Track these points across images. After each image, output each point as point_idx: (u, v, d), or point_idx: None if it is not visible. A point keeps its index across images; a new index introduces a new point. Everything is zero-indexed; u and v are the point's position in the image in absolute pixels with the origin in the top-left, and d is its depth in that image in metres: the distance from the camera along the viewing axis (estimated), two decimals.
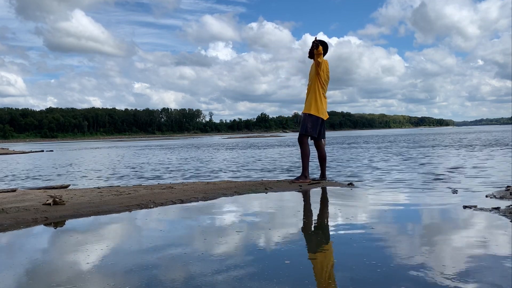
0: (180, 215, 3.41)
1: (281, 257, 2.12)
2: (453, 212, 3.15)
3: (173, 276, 1.87)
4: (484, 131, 43.32)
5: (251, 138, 50.23)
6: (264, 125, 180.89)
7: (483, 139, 18.68)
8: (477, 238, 2.41)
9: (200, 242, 2.49)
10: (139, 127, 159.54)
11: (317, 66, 4.96)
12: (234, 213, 3.39)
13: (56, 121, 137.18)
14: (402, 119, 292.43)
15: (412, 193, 4.19)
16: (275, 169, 7.70)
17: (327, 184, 4.92)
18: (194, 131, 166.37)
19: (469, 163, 7.39)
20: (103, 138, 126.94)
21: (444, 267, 1.88)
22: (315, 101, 5.07)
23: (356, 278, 1.79)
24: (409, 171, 6.29)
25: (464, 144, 15.12)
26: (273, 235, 2.60)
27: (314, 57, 4.99)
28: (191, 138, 76.40)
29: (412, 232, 2.64)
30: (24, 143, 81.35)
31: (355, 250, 2.22)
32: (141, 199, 3.89)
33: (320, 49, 4.87)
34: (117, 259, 2.16)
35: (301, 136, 5.18)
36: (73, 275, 1.92)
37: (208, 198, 4.08)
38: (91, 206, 3.62)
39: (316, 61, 4.94)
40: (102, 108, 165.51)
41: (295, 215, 3.28)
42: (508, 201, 3.43)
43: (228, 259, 2.10)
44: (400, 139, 23.72)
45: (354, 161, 8.82)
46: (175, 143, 36.86)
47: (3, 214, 3.25)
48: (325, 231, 2.77)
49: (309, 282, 1.77)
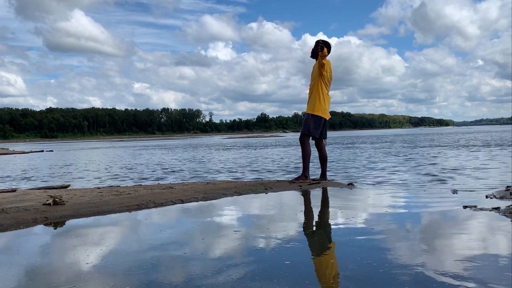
0: (180, 215, 3.41)
1: (281, 257, 2.12)
2: (453, 212, 3.14)
3: (173, 277, 1.87)
4: (483, 131, 43.32)
5: (251, 138, 50.23)
6: (264, 125, 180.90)
7: (482, 139, 18.68)
8: (477, 238, 2.41)
9: (200, 242, 2.49)
10: (139, 127, 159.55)
11: (321, 67, 4.95)
12: (234, 213, 3.39)
13: (56, 121, 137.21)
14: (402, 119, 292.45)
15: (412, 193, 4.19)
16: (275, 169, 7.70)
17: (327, 184, 4.92)
18: (194, 131, 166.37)
19: (469, 163, 7.39)
20: (103, 138, 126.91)
21: (445, 267, 1.88)
22: (318, 101, 5.06)
23: (356, 278, 1.79)
24: (409, 171, 6.28)
25: (464, 144, 15.12)
26: (273, 235, 2.60)
27: (318, 58, 4.98)
28: (191, 138, 76.41)
29: (412, 232, 2.64)
30: (24, 143, 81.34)
31: (355, 250, 2.22)
32: (141, 199, 3.89)
33: (325, 51, 4.84)
34: (117, 259, 2.16)
35: (302, 135, 5.18)
36: (73, 275, 1.92)
37: (208, 198, 4.08)
38: (91, 206, 3.61)
39: (321, 63, 4.93)
40: (102, 108, 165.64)
41: (295, 215, 3.27)
42: (508, 201, 3.43)
43: (228, 259, 2.10)
44: (399, 139, 23.72)
45: (354, 161, 8.82)
46: (175, 143, 36.87)
47: (3, 214, 3.25)
48: (326, 231, 2.77)
49: (309, 282, 1.77)
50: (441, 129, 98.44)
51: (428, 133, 42.27)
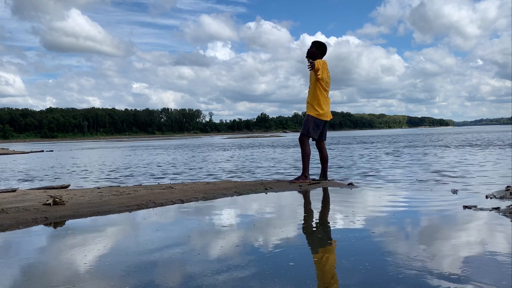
0: (180, 215, 3.41)
1: (282, 257, 2.11)
2: (453, 212, 3.14)
3: (173, 277, 1.87)
4: (483, 131, 43.30)
5: (251, 138, 50.22)
6: (264, 125, 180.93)
7: (483, 139, 18.68)
8: (477, 238, 2.41)
9: (200, 242, 2.49)
10: (139, 127, 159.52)
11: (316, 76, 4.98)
12: (234, 214, 3.39)
13: (56, 121, 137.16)
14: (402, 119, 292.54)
15: (412, 193, 4.19)
16: (275, 169, 7.70)
17: (327, 184, 4.92)
18: (194, 131, 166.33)
19: (469, 163, 7.39)
20: (103, 138, 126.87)
21: (445, 268, 1.88)
22: (317, 102, 5.06)
23: (357, 278, 1.79)
24: (409, 171, 6.28)
25: (464, 144, 15.12)
26: (273, 235, 2.60)
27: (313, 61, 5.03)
28: (191, 138, 76.40)
29: (412, 233, 2.64)
30: (24, 143, 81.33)
31: (355, 250, 2.22)
32: (141, 199, 3.89)
33: (317, 66, 4.88)
34: (117, 259, 2.16)
35: (302, 136, 5.18)
36: (73, 275, 1.92)
37: (208, 198, 4.08)
38: (91, 206, 3.61)
39: (316, 76, 4.96)
40: (102, 108, 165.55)
41: (295, 215, 3.27)
42: (508, 201, 3.43)
43: (228, 259, 2.10)
44: (399, 139, 23.71)
45: (354, 161, 8.82)
46: (175, 143, 36.86)
47: (3, 214, 3.25)
48: (326, 231, 2.77)
49: (310, 282, 1.77)
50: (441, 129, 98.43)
51: (428, 133, 42.25)
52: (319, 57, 5.14)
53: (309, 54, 5.17)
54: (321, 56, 5.15)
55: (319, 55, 5.15)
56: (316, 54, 5.14)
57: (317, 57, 5.13)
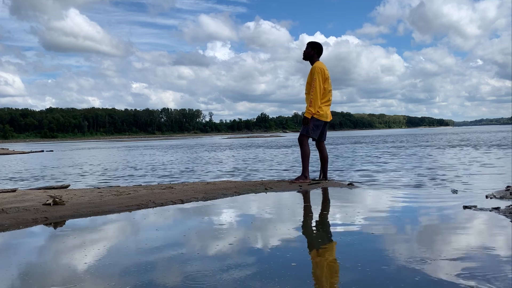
0: (180, 215, 3.41)
1: (282, 257, 2.12)
2: (453, 212, 3.15)
3: (173, 277, 1.87)
4: (482, 131, 43.30)
5: (251, 138, 50.22)
6: (264, 125, 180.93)
7: (482, 139, 18.68)
8: (477, 238, 2.41)
9: (200, 242, 2.49)
10: (139, 127, 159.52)
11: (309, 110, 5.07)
12: (234, 213, 3.39)
13: (56, 121, 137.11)
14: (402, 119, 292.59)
15: (412, 193, 4.19)
16: (275, 169, 7.70)
17: (327, 184, 4.92)
18: (194, 131, 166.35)
19: (469, 163, 7.39)
20: (103, 138, 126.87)
21: (445, 267, 1.88)
22: (317, 103, 5.05)
23: (357, 278, 1.79)
24: (409, 171, 6.28)
25: (464, 144, 15.12)
26: (273, 235, 2.60)
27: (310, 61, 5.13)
28: (191, 138, 76.41)
29: (412, 232, 2.64)
30: (24, 143, 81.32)
31: (355, 250, 2.22)
32: (141, 199, 3.89)
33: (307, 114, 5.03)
34: (117, 259, 2.16)
35: (301, 136, 5.18)
36: (73, 275, 1.92)
37: (208, 198, 4.08)
38: (91, 206, 3.61)
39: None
40: (102, 108, 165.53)
41: (295, 215, 3.27)
42: (508, 201, 3.43)
43: (227, 259, 2.10)
44: (399, 139, 23.72)
45: (354, 161, 8.82)
46: (175, 143, 36.87)
47: (3, 214, 3.25)
48: (326, 231, 2.77)
49: (310, 282, 1.77)
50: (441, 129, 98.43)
51: (428, 133, 42.25)
52: (315, 58, 5.12)
53: (306, 55, 5.16)
54: (317, 56, 5.13)
55: (316, 56, 5.13)
56: (312, 55, 5.13)
57: (314, 57, 5.12)
